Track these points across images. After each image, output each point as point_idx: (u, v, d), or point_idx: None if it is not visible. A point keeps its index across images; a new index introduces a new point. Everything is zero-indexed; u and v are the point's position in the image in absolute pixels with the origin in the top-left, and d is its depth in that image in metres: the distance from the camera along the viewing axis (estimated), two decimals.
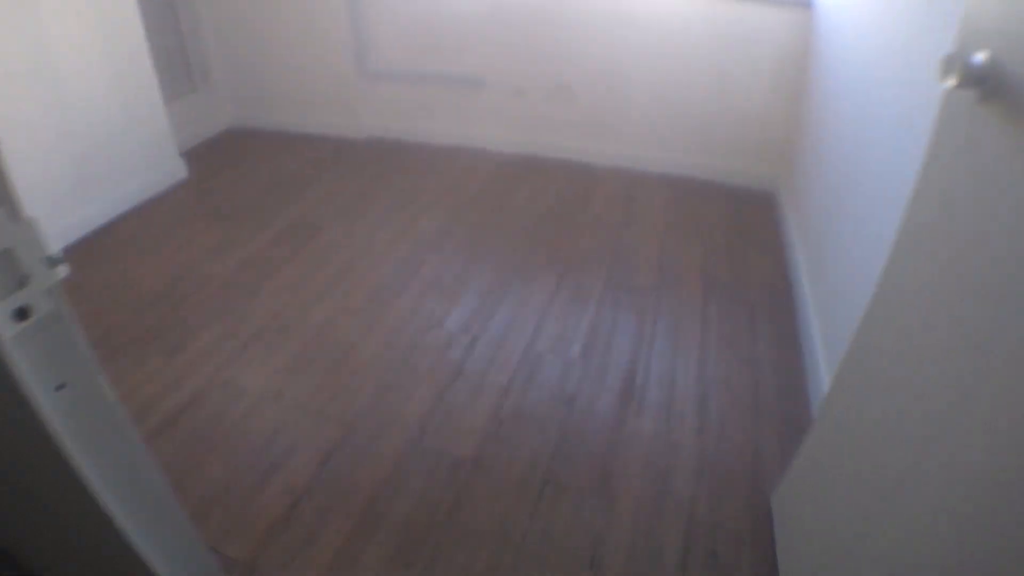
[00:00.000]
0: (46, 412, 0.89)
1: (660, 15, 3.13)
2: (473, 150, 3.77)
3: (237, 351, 2.38)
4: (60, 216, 3.04)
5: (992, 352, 0.80)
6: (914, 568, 0.92)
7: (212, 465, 1.97)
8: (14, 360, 0.82)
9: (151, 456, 1.18)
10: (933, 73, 1.28)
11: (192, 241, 3.09)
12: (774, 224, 3.04)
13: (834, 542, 1.25)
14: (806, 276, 2.49)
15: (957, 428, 0.85)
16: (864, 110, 2.08)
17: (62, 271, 0.87)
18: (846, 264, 2.03)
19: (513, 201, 3.23)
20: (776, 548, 1.64)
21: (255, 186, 3.57)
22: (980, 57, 0.86)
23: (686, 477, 1.85)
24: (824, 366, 2.04)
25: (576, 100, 3.43)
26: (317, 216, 3.22)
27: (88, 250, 3.08)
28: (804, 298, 2.42)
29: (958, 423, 0.85)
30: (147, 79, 3.34)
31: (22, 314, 0.83)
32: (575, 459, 1.91)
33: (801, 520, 1.50)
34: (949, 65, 0.88)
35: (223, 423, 2.10)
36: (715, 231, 2.99)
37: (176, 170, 3.62)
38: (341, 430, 2.03)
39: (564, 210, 3.15)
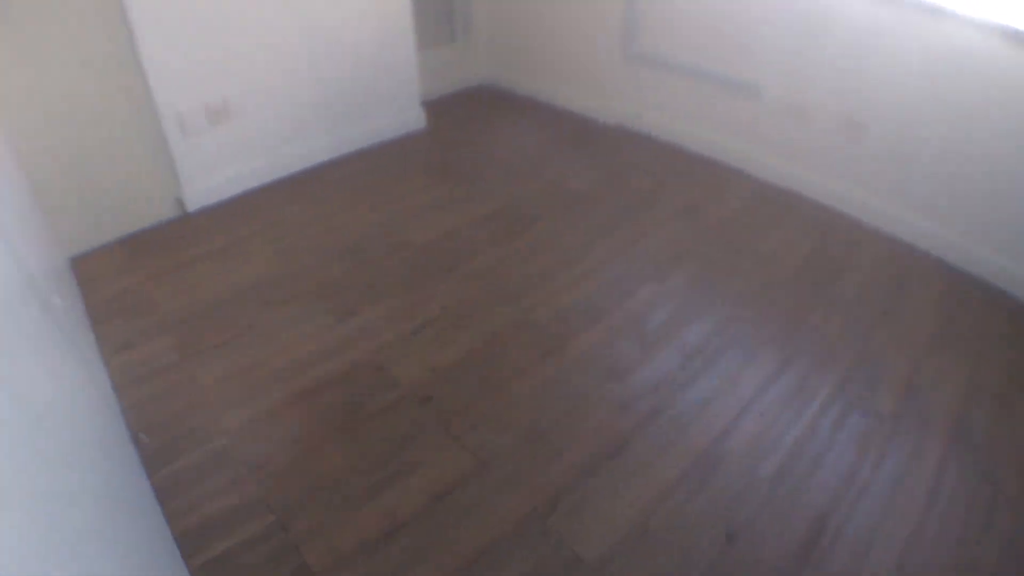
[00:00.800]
0: None
1: (990, 62, 2.29)
2: (730, 167, 3.25)
3: (406, 334, 2.24)
4: (298, 142, 3.16)
5: None
6: None
7: (333, 453, 1.85)
8: None
9: None
10: None
11: (405, 197, 3.04)
12: None
13: None
14: None
15: None
16: None
17: None
18: None
19: (760, 243, 2.71)
20: None
21: (487, 153, 3.45)
22: None
23: None
24: None
25: (864, 141, 2.73)
26: (539, 202, 2.98)
27: (307, 182, 3.19)
28: None
29: None
30: (404, 21, 3.31)
31: None
32: None
33: None
34: None
35: (362, 410, 1.97)
36: (987, 362, 2.17)
37: (415, 119, 3.62)
38: (472, 467, 1.78)
39: (816, 273, 2.55)
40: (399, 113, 3.53)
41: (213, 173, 2.92)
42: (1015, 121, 2.32)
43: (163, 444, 1.90)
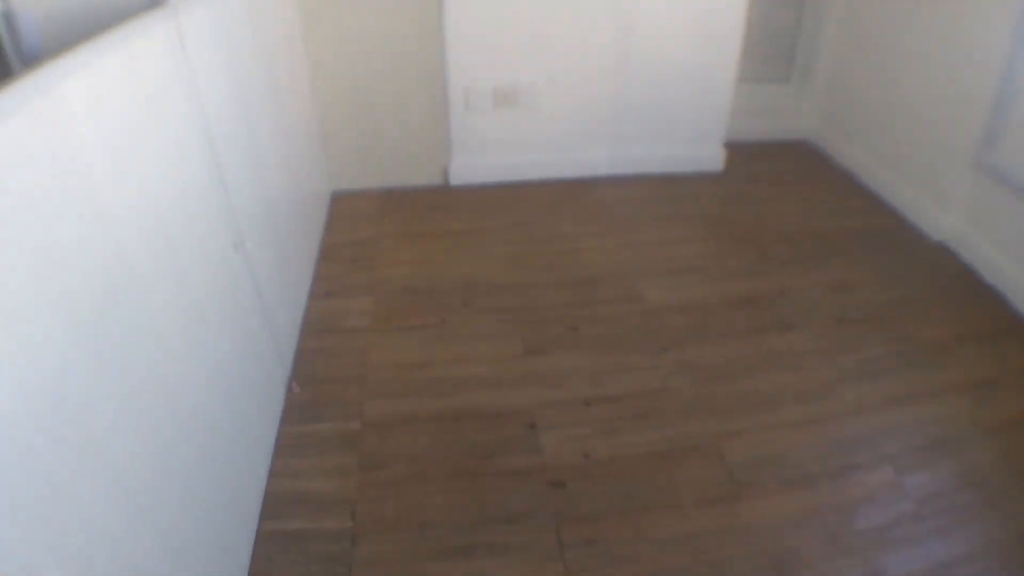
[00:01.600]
0: None
1: None
2: None
3: (580, 402, 2.01)
4: (578, 148, 3.06)
5: None
6: None
7: (439, 492, 1.72)
8: None
9: None
10: None
11: (665, 244, 2.74)
12: None
13: None
14: None
15: None
16: None
17: None
18: None
19: None
20: None
21: (777, 223, 2.95)
22: None
23: None
24: None
25: None
26: (806, 310, 2.45)
27: (575, 193, 3.07)
28: None
29: None
30: (730, 45, 2.95)
31: None
32: None
33: None
34: None
35: (490, 463, 1.80)
36: None
37: (712, 159, 3.27)
38: None
39: None
40: (696, 147, 3.22)
41: (484, 155, 2.96)
42: None
43: (306, 402, 1.96)
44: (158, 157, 1.21)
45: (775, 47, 3.44)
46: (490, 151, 2.97)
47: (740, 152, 3.41)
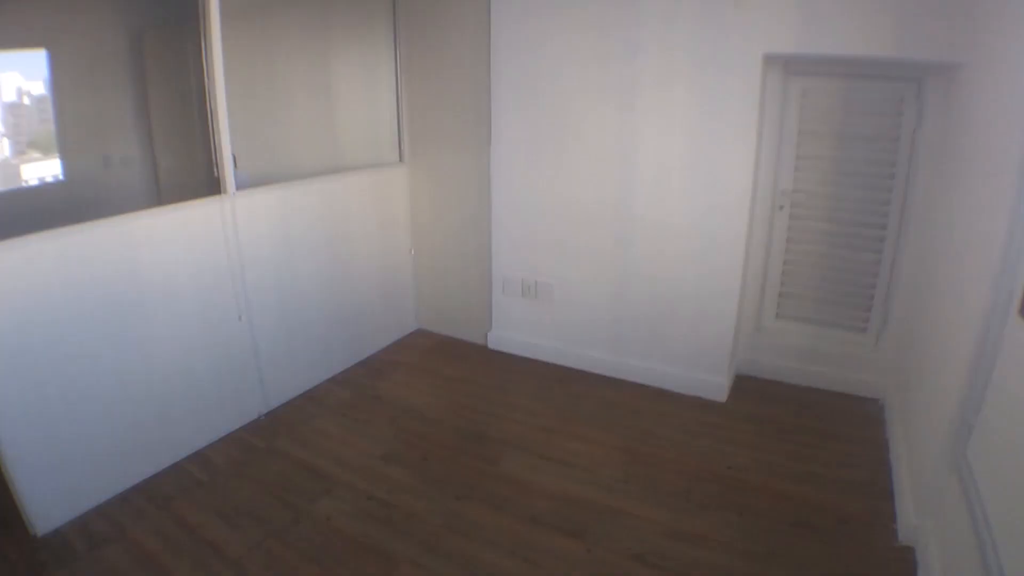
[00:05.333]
0: None
1: None
2: None
3: None
4: (586, 345, 3.49)
5: None
6: None
7: None
8: None
9: None
10: None
11: (575, 455, 2.94)
12: None
13: None
14: None
15: None
16: None
17: None
18: None
19: None
20: None
21: (716, 461, 2.67)
22: None
23: None
24: None
25: None
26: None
27: (582, 383, 3.47)
28: None
29: None
30: (729, 279, 3.10)
31: None
32: None
33: None
34: None
35: None
36: None
37: (711, 387, 3.25)
38: None
39: None
40: (695, 371, 3.25)
41: (513, 331, 3.70)
42: None
43: (265, 427, 3.01)
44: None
45: (854, 292, 3.20)
46: (517, 329, 3.66)
47: (770, 391, 3.28)
